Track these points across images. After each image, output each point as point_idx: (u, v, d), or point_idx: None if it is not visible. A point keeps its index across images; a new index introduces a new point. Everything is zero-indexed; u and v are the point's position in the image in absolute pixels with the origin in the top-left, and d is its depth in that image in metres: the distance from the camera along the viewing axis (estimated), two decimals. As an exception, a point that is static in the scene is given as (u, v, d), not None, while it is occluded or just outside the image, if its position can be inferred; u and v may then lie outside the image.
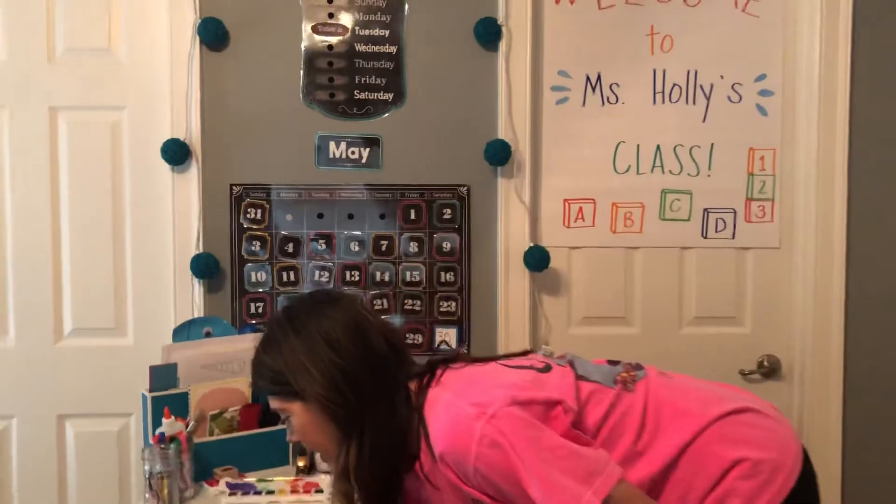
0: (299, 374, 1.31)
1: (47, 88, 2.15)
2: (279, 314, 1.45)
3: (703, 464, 1.28)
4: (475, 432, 1.20)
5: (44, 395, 2.19)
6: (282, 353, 1.33)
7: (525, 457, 1.18)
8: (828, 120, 2.16)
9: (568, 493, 1.16)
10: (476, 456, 1.19)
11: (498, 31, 2.11)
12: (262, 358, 1.37)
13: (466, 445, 1.20)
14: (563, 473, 1.18)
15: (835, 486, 2.19)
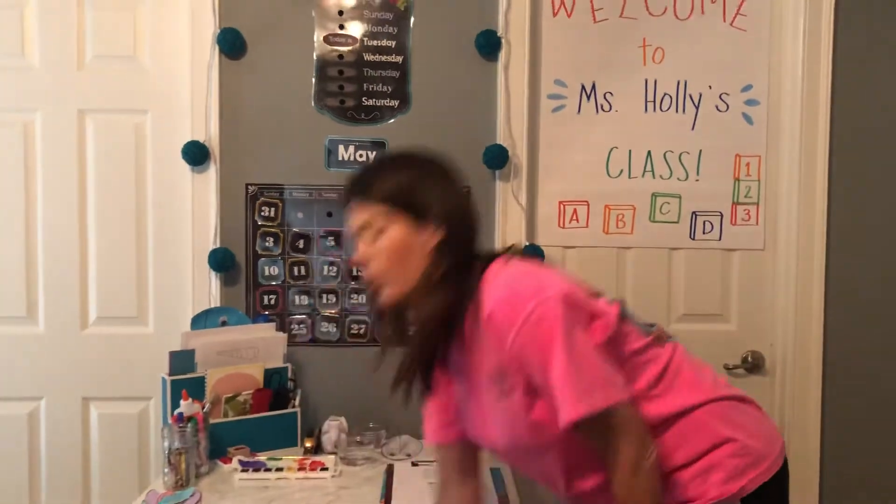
0: (432, 193, 1.33)
1: (76, 93, 2.23)
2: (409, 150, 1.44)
3: (696, 432, 1.35)
4: (528, 306, 1.24)
5: (70, 379, 2.27)
6: (418, 171, 1.35)
7: (559, 344, 1.23)
8: (810, 128, 2.22)
9: (583, 387, 1.23)
10: (522, 324, 1.24)
11: (498, 42, 2.17)
12: (390, 168, 1.37)
13: (517, 314, 1.24)
14: (584, 371, 1.24)
15: (813, 476, 2.26)
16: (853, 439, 2.29)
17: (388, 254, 1.32)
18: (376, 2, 2.21)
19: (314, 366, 2.26)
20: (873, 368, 2.29)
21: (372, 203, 1.33)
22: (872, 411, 2.29)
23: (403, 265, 1.32)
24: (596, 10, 2.25)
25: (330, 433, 2.07)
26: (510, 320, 1.25)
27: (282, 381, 2.11)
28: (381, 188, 1.33)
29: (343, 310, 2.25)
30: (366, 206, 1.34)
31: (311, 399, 2.23)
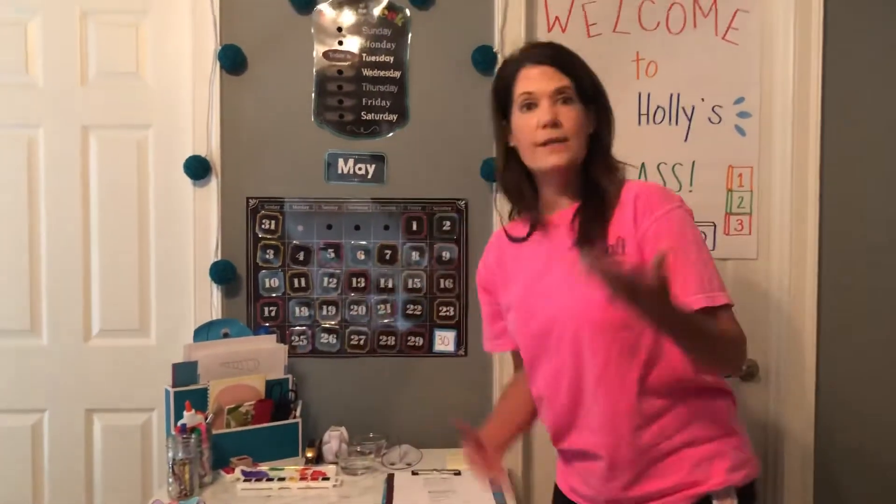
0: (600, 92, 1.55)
1: (80, 108, 2.26)
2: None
3: (715, 415, 1.47)
4: (676, 201, 1.44)
5: (73, 391, 2.30)
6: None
7: (697, 241, 1.41)
8: (801, 140, 2.24)
9: (708, 282, 1.38)
10: (670, 210, 1.41)
11: (493, 58, 2.20)
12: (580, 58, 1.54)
13: (667, 201, 1.43)
14: (711, 268, 1.40)
15: (808, 480, 2.28)
16: (847, 446, 2.32)
17: (575, 122, 1.48)
18: (374, 18, 2.25)
19: (315, 377, 2.28)
20: (866, 376, 2.31)
21: (568, 76, 1.48)
22: (865, 419, 2.32)
23: (579, 138, 1.49)
24: (590, 24, 2.28)
25: (331, 443, 2.09)
26: (660, 203, 1.42)
27: (283, 392, 2.14)
28: (580, 68, 1.51)
29: (343, 321, 2.28)
30: (563, 76, 1.48)
31: (311, 409, 2.26)
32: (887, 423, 2.33)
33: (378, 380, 2.29)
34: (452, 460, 2.11)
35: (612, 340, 1.42)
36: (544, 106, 1.47)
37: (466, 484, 1.93)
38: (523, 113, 1.50)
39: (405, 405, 2.29)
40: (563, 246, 1.49)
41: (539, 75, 1.48)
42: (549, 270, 1.51)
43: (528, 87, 1.49)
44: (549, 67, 1.49)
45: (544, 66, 1.49)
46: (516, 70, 1.52)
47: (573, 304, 1.43)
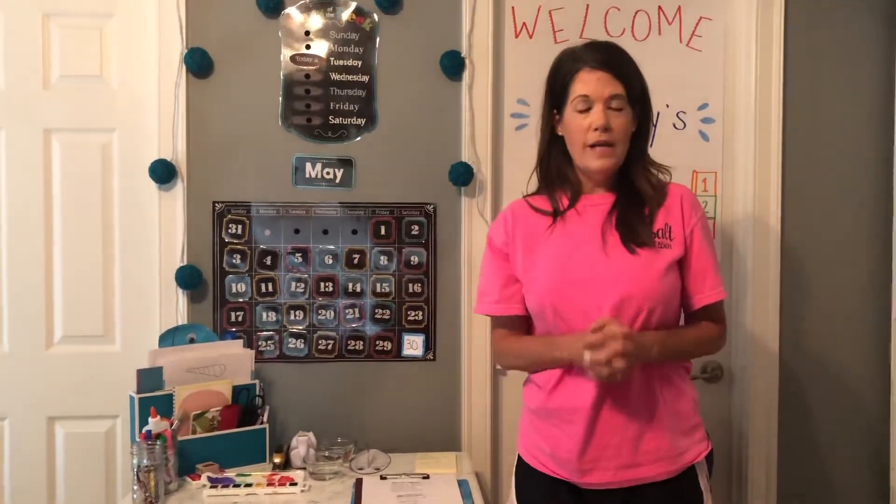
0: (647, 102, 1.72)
1: (42, 112, 2.23)
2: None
3: (692, 392, 1.73)
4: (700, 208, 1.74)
5: (35, 398, 2.26)
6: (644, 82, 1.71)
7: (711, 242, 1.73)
8: (763, 145, 2.29)
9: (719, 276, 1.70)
10: (702, 215, 1.71)
11: (461, 63, 2.22)
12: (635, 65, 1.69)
13: (699, 207, 1.72)
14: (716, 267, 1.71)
15: (772, 477, 2.33)
16: (808, 445, 2.37)
17: (624, 128, 1.64)
18: (342, 22, 2.25)
19: (282, 382, 2.27)
20: (827, 379, 2.37)
21: (622, 83, 1.63)
22: (826, 420, 2.37)
23: (625, 143, 1.66)
24: (557, 31, 2.31)
25: (298, 448, 2.08)
26: (699, 206, 1.72)
27: (250, 398, 2.12)
28: (632, 75, 1.66)
29: (311, 326, 2.27)
30: (617, 83, 1.63)
31: (279, 415, 2.25)
32: (850, 424, 2.38)
33: (346, 384, 2.29)
34: (421, 464, 2.12)
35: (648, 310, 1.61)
36: (598, 110, 1.62)
37: (435, 488, 1.94)
38: (578, 113, 1.64)
39: (373, 409, 2.29)
40: (601, 227, 1.66)
41: (596, 80, 1.62)
42: (588, 245, 1.65)
43: (585, 90, 1.63)
44: (605, 73, 1.62)
45: (602, 71, 1.62)
46: (576, 71, 1.65)
47: (620, 276, 1.61)
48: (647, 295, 1.59)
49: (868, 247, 2.36)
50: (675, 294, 1.65)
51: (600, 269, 1.62)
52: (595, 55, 1.65)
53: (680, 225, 1.66)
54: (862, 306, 2.37)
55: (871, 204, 2.36)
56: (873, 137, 2.35)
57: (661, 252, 1.63)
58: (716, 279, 1.68)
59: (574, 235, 1.67)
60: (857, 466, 2.39)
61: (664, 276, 1.61)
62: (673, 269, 1.64)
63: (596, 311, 1.58)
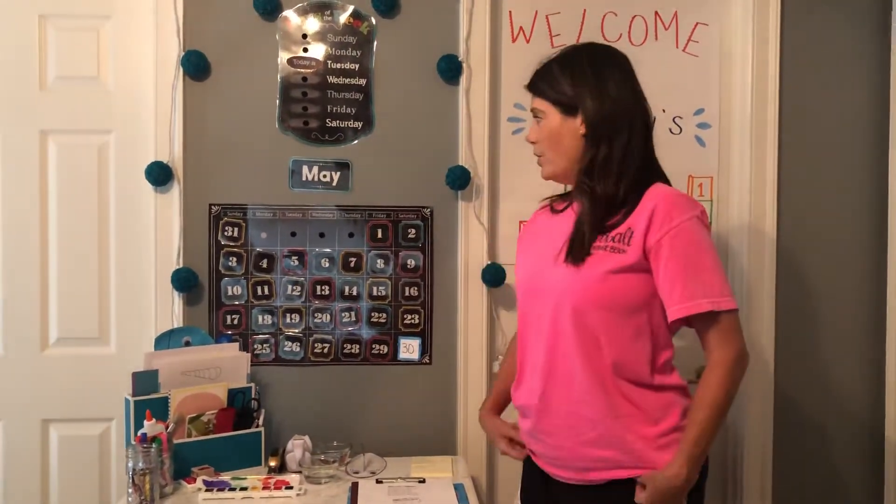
0: (583, 92, 1.63)
1: (38, 113, 2.22)
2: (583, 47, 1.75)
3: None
4: (697, 207, 1.58)
5: (29, 400, 2.25)
6: (577, 70, 1.67)
7: (707, 247, 1.55)
8: (759, 150, 2.30)
9: (720, 285, 1.53)
10: (692, 217, 1.54)
11: (459, 66, 2.23)
12: (557, 68, 1.68)
13: (690, 207, 1.56)
14: (720, 274, 1.54)
15: (766, 481, 2.33)
16: (803, 450, 2.38)
17: (543, 137, 1.67)
18: (340, 26, 2.25)
19: (278, 385, 2.27)
20: (821, 382, 2.37)
21: (540, 97, 1.68)
22: (823, 421, 2.38)
23: (554, 149, 1.66)
24: (554, 35, 2.31)
25: (294, 452, 2.08)
26: (678, 213, 1.53)
27: (245, 401, 2.12)
28: (552, 88, 1.66)
29: (307, 329, 2.27)
30: (535, 98, 1.69)
31: (274, 418, 2.24)
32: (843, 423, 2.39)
33: (342, 388, 2.28)
34: (417, 468, 2.11)
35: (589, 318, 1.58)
36: (531, 126, 1.73)
37: (431, 492, 1.93)
38: None
39: (369, 413, 2.29)
40: (566, 236, 1.64)
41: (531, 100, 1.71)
42: (547, 254, 1.65)
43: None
44: (531, 93, 1.71)
45: (530, 92, 1.72)
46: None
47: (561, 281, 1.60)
48: (577, 300, 1.56)
49: (863, 252, 2.37)
50: (619, 298, 1.56)
51: (546, 278, 1.64)
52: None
53: (642, 233, 1.54)
54: (857, 311, 2.38)
55: (867, 209, 2.37)
56: (868, 143, 2.36)
57: (609, 256, 1.56)
58: (686, 291, 1.52)
59: (544, 243, 1.70)
60: (852, 471, 2.39)
61: (602, 281, 1.55)
62: (623, 276, 1.55)
63: (536, 319, 1.65)
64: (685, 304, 1.52)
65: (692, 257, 1.53)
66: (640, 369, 1.58)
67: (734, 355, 1.56)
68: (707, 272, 1.53)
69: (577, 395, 1.58)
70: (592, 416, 1.57)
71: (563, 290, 1.59)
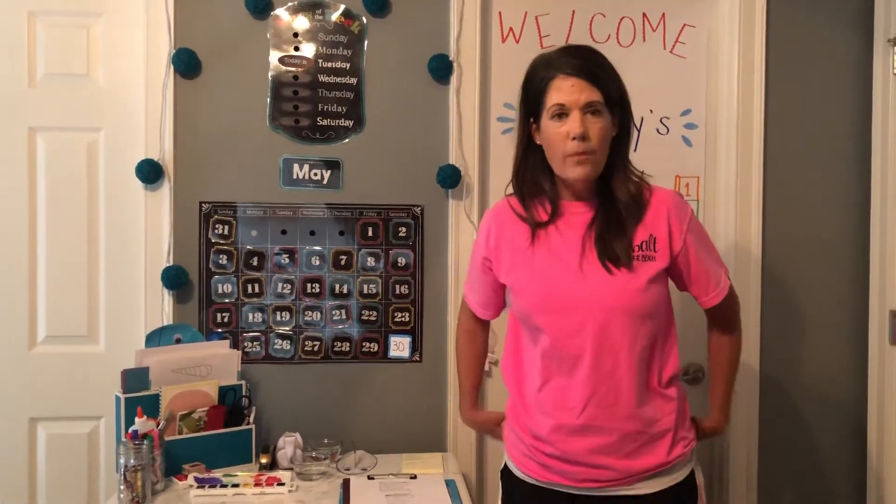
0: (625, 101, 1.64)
1: (28, 110, 2.21)
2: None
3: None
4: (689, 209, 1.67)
5: (17, 399, 2.23)
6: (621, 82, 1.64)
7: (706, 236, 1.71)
8: (745, 150, 2.33)
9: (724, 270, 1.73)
10: (691, 211, 1.66)
11: (449, 66, 2.24)
12: (611, 69, 1.63)
13: (686, 203, 1.68)
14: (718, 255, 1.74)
15: (752, 477, 2.37)
16: (789, 446, 2.41)
17: (602, 135, 1.56)
18: (331, 25, 2.26)
19: (268, 382, 2.27)
20: (806, 380, 2.41)
21: (599, 88, 1.55)
22: (807, 420, 2.42)
23: (604, 149, 1.58)
24: (543, 36, 2.33)
25: (285, 449, 2.08)
26: (686, 210, 1.64)
27: (236, 398, 2.12)
28: (609, 79, 1.59)
29: (297, 327, 2.28)
30: (594, 89, 1.55)
31: (265, 415, 2.25)
32: (828, 425, 2.42)
33: (333, 385, 2.29)
34: (408, 465, 2.12)
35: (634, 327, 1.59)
36: (575, 117, 1.53)
37: (423, 487, 1.95)
38: (554, 121, 1.56)
39: (360, 410, 2.29)
40: (581, 243, 1.60)
41: (570, 88, 1.54)
42: (568, 265, 1.60)
43: (561, 98, 1.54)
44: (581, 80, 1.54)
45: (577, 78, 1.54)
46: (551, 78, 1.57)
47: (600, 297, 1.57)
48: (629, 313, 1.55)
49: (847, 250, 2.41)
50: (662, 304, 1.61)
51: (580, 292, 1.57)
52: (569, 60, 1.56)
53: (666, 236, 1.59)
54: (841, 308, 2.41)
55: (851, 208, 2.40)
56: (853, 143, 2.39)
57: (643, 265, 1.57)
58: (717, 278, 1.69)
59: (555, 252, 1.62)
60: (835, 465, 2.43)
61: (646, 291, 1.56)
62: (658, 281, 1.59)
63: (578, 333, 1.57)
64: (719, 290, 1.69)
65: (706, 246, 1.69)
66: (664, 373, 1.67)
67: (740, 320, 1.79)
68: (715, 253, 1.73)
69: (625, 409, 1.58)
70: (638, 428, 1.60)
71: (609, 302, 1.56)
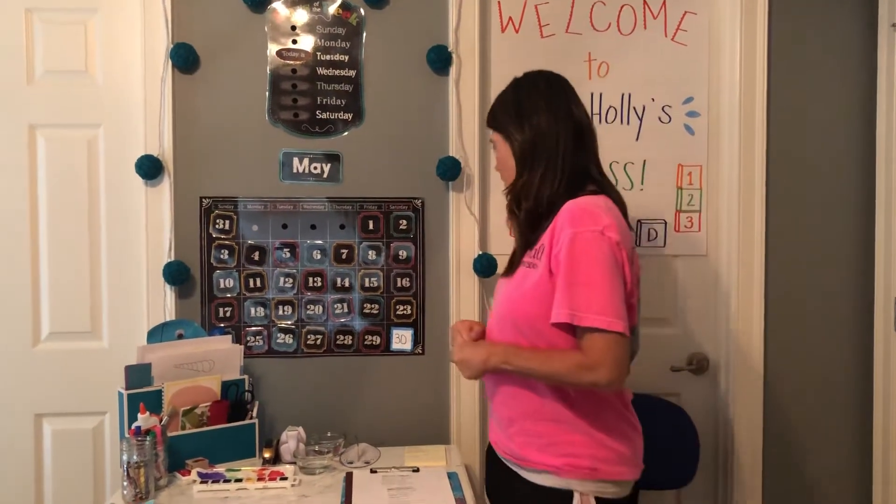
0: (509, 117, 1.71)
1: (27, 107, 2.21)
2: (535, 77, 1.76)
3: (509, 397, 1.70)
4: (600, 222, 1.52)
5: (22, 395, 2.25)
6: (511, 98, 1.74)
7: (594, 262, 1.50)
8: (748, 138, 2.31)
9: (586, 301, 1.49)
10: (586, 230, 1.51)
11: (448, 57, 2.23)
12: (499, 99, 1.78)
13: (590, 221, 1.52)
14: (598, 291, 1.49)
15: (756, 467, 2.36)
16: (794, 433, 2.40)
17: (499, 163, 1.77)
18: (329, 17, 2.24)
19: (271, 377, 2.27)
20: (812, 367, 2.40)
21: (492, 129, 1.78)
22: (811, 407, 2.41)
23: (505, 171, 1.74)
24: (543, 25, 2.31)
25: (288, 443, 2.09)
26: (571, 224, 1.53)
27: (239, 393, 2.13)
28: (497, 118, 1.75)
29: (299, 321, 2.28)
30: (490, 131, 1.78)
31: (268, 410, 2.25)
32: (831, 414, 2.42)
33: (335, 379, 2.29)
34: (410, 457, 2.13)
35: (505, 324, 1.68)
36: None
37: (425, 480, 1.95)
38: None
39: (363, 404, 2.30)
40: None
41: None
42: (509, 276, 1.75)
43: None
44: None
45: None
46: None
47: (498, 299, 1.74)
48: (509, 317, 1.66)
49: (852, 237, 2.39)
50: (543, 314, 1.56)
51: (498, 290, 1.78)
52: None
53: (549, 245, 1.58)
54: (846, 296, 2.40)
55: (855, 196, 2.39)
56: (856, 130, 2.38)
57: (528, 273, 1.63)
58: (564, 300, 1.51)
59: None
60: (841, 453, 2.42)
61: (525, 298, 1.60)
62: (540, 290, 1.57)
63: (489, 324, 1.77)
64: (560, 311, 1.51)
65: (571, 269, 1.51)
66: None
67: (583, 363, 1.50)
68: (579, 286, 1.50)
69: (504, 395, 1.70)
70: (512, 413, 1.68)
71: (500, 304, 1.71)
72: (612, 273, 1.50)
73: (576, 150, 1.65)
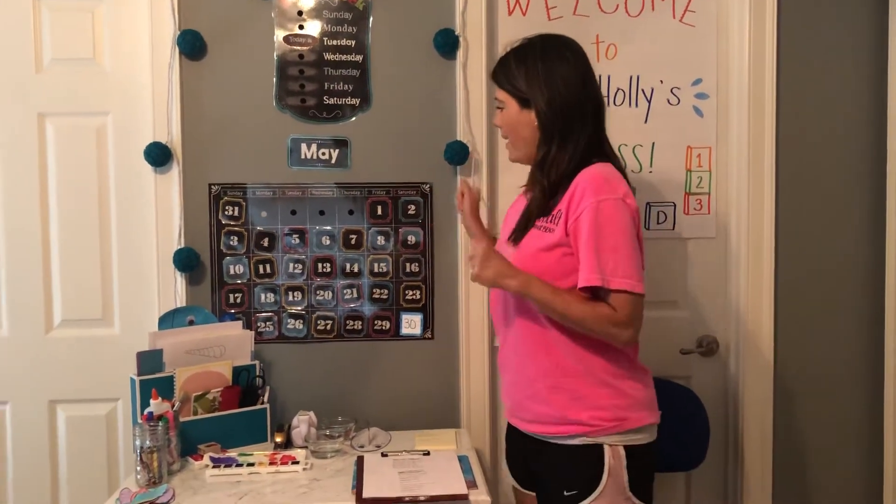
0: (534, 83, 1.70)
1: (35, 96, 2.22)
2: (538, 39, 1.77)
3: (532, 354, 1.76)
4: (618, 190, 1.62)
5: (36, 382, 2.27)
6: (529, 65, 1.72)
7: (617, 228, 1.59)
8: (757, 120, 2.30)
9: (613, 264, 1.58)
10: (608, 199, 1.60)
11: (455, 41, 2.22)
12: (513, 60, 1.75)
13: (608, 189, 1.61)
14: (622, 255, 1.59)
15: (767, 449, 2.36)
16: (803, 415, 2.40)
17: (505, 125, 1.78)
18: (335, 2, 2.24)
19: (282, 362, 2.29)
20: (821, 349, 2.39)
21: (501, 88, 1.76)
22: (821, 390, 2.40)
23: (518, 137, 1.76)
24: (550, 8, 2.30)
25: (300, 427, 2.10)
26: (594, 193, 1.60)
27: (250, 378, 2.14)
28: (509, 79, 1.74)
29: (309, 306, 2.29)
30: (497, 89, 1.78)
31: (279, 395, 2.27)
32: (842, 396, 2.41)
33: (345, 364, 2.30)
34: (421, 441, 2.14)
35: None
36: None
37: (436, 463, 1.95)
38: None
39: (373, 388, 2.31)
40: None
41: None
42: (508, 228, 1.85)
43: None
44: (494, 82, 1.80)
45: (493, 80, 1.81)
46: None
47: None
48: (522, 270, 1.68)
49: (863, 220, 2.37)
50: (548, 273, 1.65)
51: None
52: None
53: (566, 212, 1.64)
54: (856, 278, 2.39)
55: (865, 178, 2.37)
56: (867, 112, 2.35)
57: (541, 236, 1.69)
58: (593, 264, 1.59)
59: (508, 225, 1.86)
60: (851, 435, 2.42)
61: (535, 258, 1.67)
62: (552, 252, 1.66)
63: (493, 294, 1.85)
64: (590, 276, 1.59)
65: (597, 235, 1.59)
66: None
67: (615, 319, 1.60)
68: (607, 252, 1.59)
69: (522, 358, 1.76)
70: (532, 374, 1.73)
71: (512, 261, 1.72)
72: (633, 238, 1.62)
73: (595, 124, 1.73)
